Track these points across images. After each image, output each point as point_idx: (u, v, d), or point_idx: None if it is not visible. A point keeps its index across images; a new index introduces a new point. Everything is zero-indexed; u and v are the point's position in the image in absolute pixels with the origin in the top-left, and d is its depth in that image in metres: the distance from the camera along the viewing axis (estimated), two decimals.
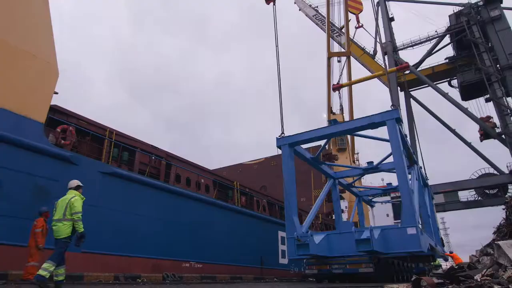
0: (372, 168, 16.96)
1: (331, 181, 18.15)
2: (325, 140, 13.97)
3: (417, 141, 49.14)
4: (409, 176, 13.28)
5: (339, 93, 39.11)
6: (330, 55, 40.64)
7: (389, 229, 10.01)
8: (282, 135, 14.29)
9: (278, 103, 15.55)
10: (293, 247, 11.07)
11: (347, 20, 41.04)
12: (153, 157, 14.58)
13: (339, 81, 37.40)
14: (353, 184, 20.54)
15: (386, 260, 16.53)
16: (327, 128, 12.29)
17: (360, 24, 39.60)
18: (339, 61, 41.04)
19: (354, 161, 43.65)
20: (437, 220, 18.30)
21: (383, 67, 49.06)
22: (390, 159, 14.45)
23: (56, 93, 11.02)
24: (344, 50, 45.01)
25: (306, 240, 10.49)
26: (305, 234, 10.98)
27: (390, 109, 11.39)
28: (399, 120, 11.15)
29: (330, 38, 42.55)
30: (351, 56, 44.31)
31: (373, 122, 11.29)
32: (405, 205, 9.97)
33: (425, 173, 19.18)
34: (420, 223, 10.59)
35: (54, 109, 11.46)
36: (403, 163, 10.85)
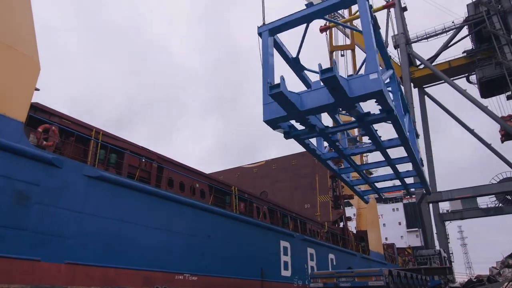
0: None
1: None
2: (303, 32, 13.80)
3: (431, 142, 49.41)
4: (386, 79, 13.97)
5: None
6: (333, 49, 40.82)
7: (353, 78, 11.15)
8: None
9: None
10: (266, 94, 11.16)
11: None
12: (143, 160, 14.59)
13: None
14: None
15: (398, 273, 16.57)
16: (304, 10, 13.16)
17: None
18: (342, 55, 41.11)
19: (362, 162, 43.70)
20: (417, 144, 18.79)
21: (395, 61, 49.28)
22: None
23: (38, 89, 11.03)
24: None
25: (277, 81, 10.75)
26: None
27: None
28: None
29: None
30: (358, 49, 44.29)
31: None
32: (368, 55, 11.05)
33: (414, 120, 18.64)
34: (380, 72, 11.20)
35: (35, 107, 11.46)
36: (370, 25, 11.68)
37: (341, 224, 35.99)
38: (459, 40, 47.09)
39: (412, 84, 48.42)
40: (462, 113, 49.14)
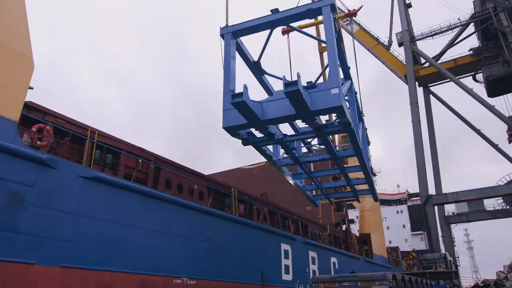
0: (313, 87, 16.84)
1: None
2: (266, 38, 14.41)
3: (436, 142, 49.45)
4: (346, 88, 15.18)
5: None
6: (322, 49, 41.06)
7: (315, 91, 11.82)
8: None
9: None
10: (227, 101, 11.59)
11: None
12: (140, 160, 14.63)
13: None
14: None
15: (403, 278, 16.59)
16: (270, 16, 13.69)
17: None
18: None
19: None
20: (368, 151, 20.67)
21: (400, 60, 49.33)
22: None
23: (31, 88, 11.06)
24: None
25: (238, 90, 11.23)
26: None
27: None
28: (334, 8, 13.03)
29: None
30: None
31: (310, 9, 13.15)
32: (331, 68, 11.76)
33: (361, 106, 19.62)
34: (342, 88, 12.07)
35: (29, 106, 11.50)
36: (333, 40, 12.27)
37: (344, 227, 36.04)
38: (465, 38, 47.08)
39: (416, 83, 48.46)
40: (468, 113, 49.03)
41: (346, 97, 15.77)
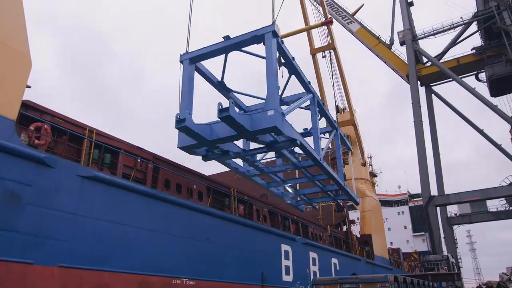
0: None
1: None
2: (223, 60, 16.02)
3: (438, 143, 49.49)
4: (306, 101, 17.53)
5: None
6: (314, 51, 41.27)
7: (255, 113, 13.45)
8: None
9: None
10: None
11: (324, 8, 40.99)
12: (138, 160, 14.66)
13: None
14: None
15: (405, 279, 16.63)
16: (222, 43, 15.13)
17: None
18: (323, 57, 41.21)
19: (364, 164, 43.77)
20: (350, 157, 24.91)
21: (401, 59, 49.38)
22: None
23: (29, 86, 11.10)
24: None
25: (183, 116, 12.32)
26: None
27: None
28: (276, 34, 14.37)
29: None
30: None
31: (255, 35, 14.52)
32: (269, 92, 13.12)
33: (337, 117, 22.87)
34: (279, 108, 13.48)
35: (26, 105, 11.52)
36: (274, 64, 13.68)
37: (344, 228, 36.06)
38: (468, 37, 47.17)
39: (419, 83, 48.52)
40: (470, 113, 49.11)
41: (308, 110, 18.08)
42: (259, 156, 17.37)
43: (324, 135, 22.35)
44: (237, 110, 14.89)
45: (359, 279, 15.71)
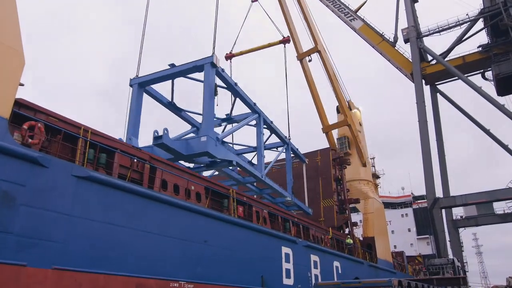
0: (228, 120, 24.25)
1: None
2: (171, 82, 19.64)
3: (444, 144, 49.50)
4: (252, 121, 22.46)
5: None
6: (300, 56, 41.69)
7: (191, 138, 16.06)
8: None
9: None
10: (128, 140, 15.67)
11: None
12: (135, 160, 14.67)
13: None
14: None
15: (409, 284, 16.65)
16: (168, 70, 17.91)
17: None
18: (310, 61, 41.53)
19: (365, 164, 43.73)
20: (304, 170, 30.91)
21: (406, 57, 49.40)
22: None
23: (22, 84, 11.11)
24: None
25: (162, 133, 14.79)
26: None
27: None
28: (214, 65, 16.61)
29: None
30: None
31: (195, 65, 16.96)
32: (205, 119, 15.82)
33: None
34: (214, 134, 16.46)
35: (19, 103, 11.54)
36: (210, 93, 16.65)
37: (347, 230, 36.09)
38: (474, 34, 47.13)
39: (423, 81, 48.51)
40: (477, 112, 49.06)
41: (254, 122, 22.65)
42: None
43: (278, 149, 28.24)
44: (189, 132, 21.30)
45: (362, 283, 15.72)
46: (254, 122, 23.43)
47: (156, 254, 13.56)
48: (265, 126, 25.67)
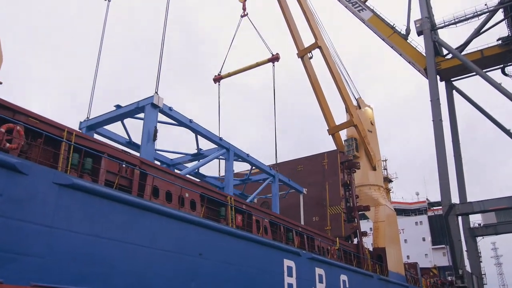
0: (198, 155, 25.44)
1: None
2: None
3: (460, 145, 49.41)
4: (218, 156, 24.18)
5: None
6: (301, 54, 41.72)
7: None
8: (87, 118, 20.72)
9: None
10: None
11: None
12: (123, 165, 14.58)
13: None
14: None
15: None
16: (117, 111, 19.24)
17: (245, 13, 37.90)
18: (311, 58, 41.58)
19: (375, 168, 43.48)
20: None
21: (419, 51, 49.28)
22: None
23: (0, 83, 11.04)
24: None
25: None
26: None
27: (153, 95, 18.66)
28: (154, 106, 17.96)
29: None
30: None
31: (138, 106, 18.20)
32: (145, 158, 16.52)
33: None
34: None
35: None
36: (149, 133, 17.71)
37: (355, 240, 35.96)
38: (493, 26, 47.08)
39: (438, 77, 48.39)
40: (495, 111, 49.04)
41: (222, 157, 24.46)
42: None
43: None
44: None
45: None
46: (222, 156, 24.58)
47: (146, 269, 13.45)
48: (240, 159, 26.35)
